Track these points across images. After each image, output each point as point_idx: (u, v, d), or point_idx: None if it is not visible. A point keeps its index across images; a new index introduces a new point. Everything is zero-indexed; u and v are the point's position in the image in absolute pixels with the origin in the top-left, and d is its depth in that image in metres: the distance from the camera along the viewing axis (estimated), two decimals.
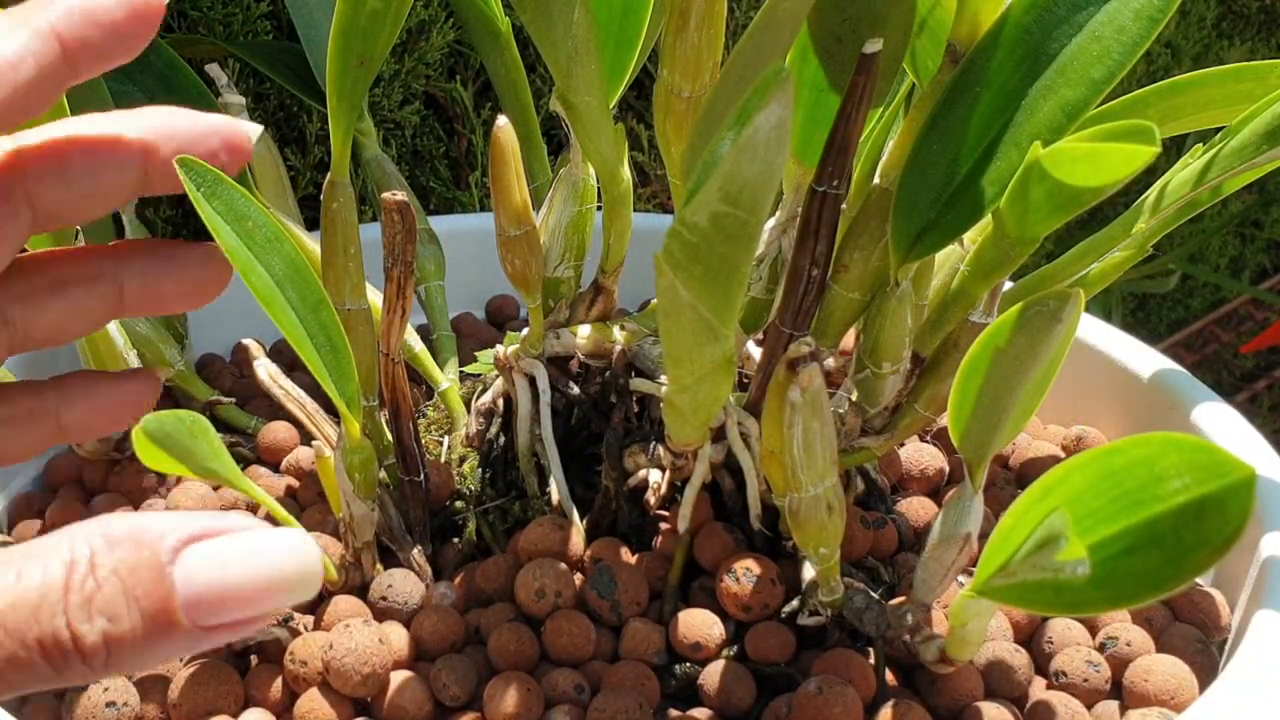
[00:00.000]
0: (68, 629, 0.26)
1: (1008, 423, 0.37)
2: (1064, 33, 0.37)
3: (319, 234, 0.44)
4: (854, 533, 0.46)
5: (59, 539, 0.27)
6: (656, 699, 0.42)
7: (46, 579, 0.26)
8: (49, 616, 0.26)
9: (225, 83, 0.49)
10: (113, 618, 0.26)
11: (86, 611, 0.26)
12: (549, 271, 0.46)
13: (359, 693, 0.40)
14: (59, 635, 0.26)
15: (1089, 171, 0.33)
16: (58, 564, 0.26)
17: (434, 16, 0.76)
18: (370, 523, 0.44)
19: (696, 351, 0.34)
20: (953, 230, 0.39)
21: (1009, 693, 0.42)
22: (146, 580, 0.26)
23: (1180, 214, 0.46)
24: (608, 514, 0.47)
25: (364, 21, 0.39)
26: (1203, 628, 0.45)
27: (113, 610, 0.26)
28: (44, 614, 0.26)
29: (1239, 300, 1.25)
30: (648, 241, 0.39)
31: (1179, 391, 0.52)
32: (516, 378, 0.47)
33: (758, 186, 0.29)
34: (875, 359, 0.43)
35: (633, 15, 0.41)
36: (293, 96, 0.74)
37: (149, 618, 0.26)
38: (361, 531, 0.44)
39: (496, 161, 0.42)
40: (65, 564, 0.26)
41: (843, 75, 0.39)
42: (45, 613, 0.26)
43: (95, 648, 0.26)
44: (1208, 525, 0.28)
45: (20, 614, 0.26)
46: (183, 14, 0.69)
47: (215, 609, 0.27)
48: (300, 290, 0.39)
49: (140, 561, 0.26)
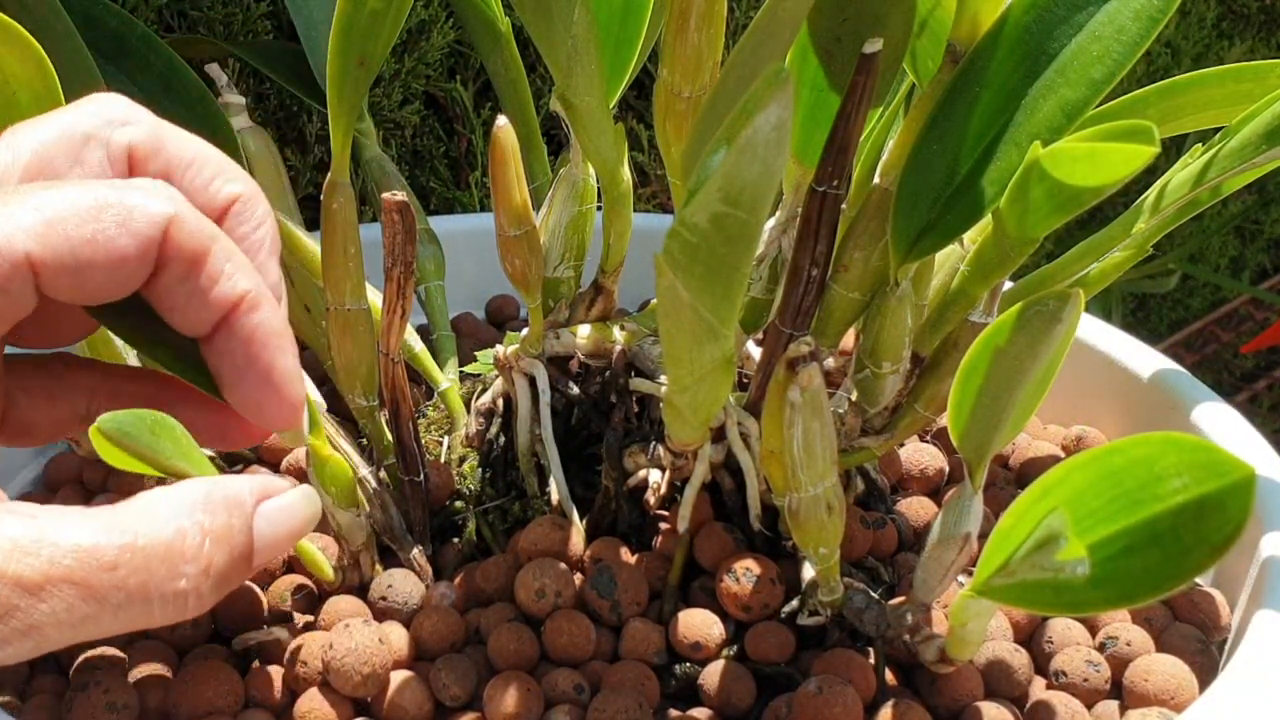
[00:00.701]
0: (187, 583, 0.31)
1: (1007, 423, 0.37)
2: (1064, 33, 0.37)
3: (319, 234, 0.44)
4: (854, 533, 0.46)
5: (162, 500, 0.32)
6: (656, 699, 0.42)
7: (167, 540, 0.31)
8: (171, 574, 0.31)
9: (225, 83, 0.49)
10: (219, 575, 0.32)
11: (205, 572, 0.32)
12: (549, 271, 0.46)
13: (359, 693, 0.40)
14: (178, 589, 0.31)
15: (1088, 171, 0.33)
16: (172, 527, 0.31)
17: (434, 16, 0.76)
18: (359, 528, 0.44)
19: (696, 352, 0.34)
20: (952, 230, 0.39)
21: (1009, 693, 0.42)
22: (240, 543, 0.33)
23: (1180, 214, 0.46)
24: (608, 514, 0.47)
25: (364, 21, 0.39)
26: (1203, 628, 0.45)
27: (219, 568, 0.32)
28: (167, 571, 0.31)
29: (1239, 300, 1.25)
30: (648, 241, 0.39)
31: (1179, 391, 0.52)
32: (516, 378, 0.47)
33: (758, 187, 0.29)
34: (875, 359, 0.43)
35: (633, 15, 0.41)
36: (293, 96, 0.74)
37: (236, 569, 0.32)
38: (352, 537, 0.44)
39: (496, 161, 0.42)
40: (178, 529, 0.31)
41: (843, 75, 0.39)
42: (168, 571, 0.31)
43: (205, 601, 0.32)
44: (1207, 525, 0.28)
45: (142, 578, 0.31)
46: (183, 14, 0.69)
47: (267, 556, 0.33)
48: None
49: (235, 527, 0.32)
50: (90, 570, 0.30)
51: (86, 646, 0.43)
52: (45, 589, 0.29)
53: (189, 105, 0.48)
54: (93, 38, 0.47)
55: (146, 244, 0.34)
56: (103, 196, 0.34)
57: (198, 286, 0.35)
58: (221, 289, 0.35)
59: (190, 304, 0.35)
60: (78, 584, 0.30)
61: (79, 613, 0.30)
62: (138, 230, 0.34)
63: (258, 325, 0.36)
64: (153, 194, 0.34)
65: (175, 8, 0.69)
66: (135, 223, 0.34)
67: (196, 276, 0.35)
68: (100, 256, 0.33)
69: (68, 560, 0.30)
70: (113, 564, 0.30)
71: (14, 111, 0.39)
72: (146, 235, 0.34)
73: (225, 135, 0.47)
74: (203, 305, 0.35)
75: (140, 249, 0.34)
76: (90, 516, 0.31)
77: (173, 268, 0.35)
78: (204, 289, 0.35)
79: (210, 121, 0.48)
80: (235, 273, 0.36)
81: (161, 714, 0.41)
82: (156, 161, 0.36)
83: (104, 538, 0.30)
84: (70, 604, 0.30)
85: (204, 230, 0.35)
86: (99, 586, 0.30)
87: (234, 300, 0.35)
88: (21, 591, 0.29)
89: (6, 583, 0.29)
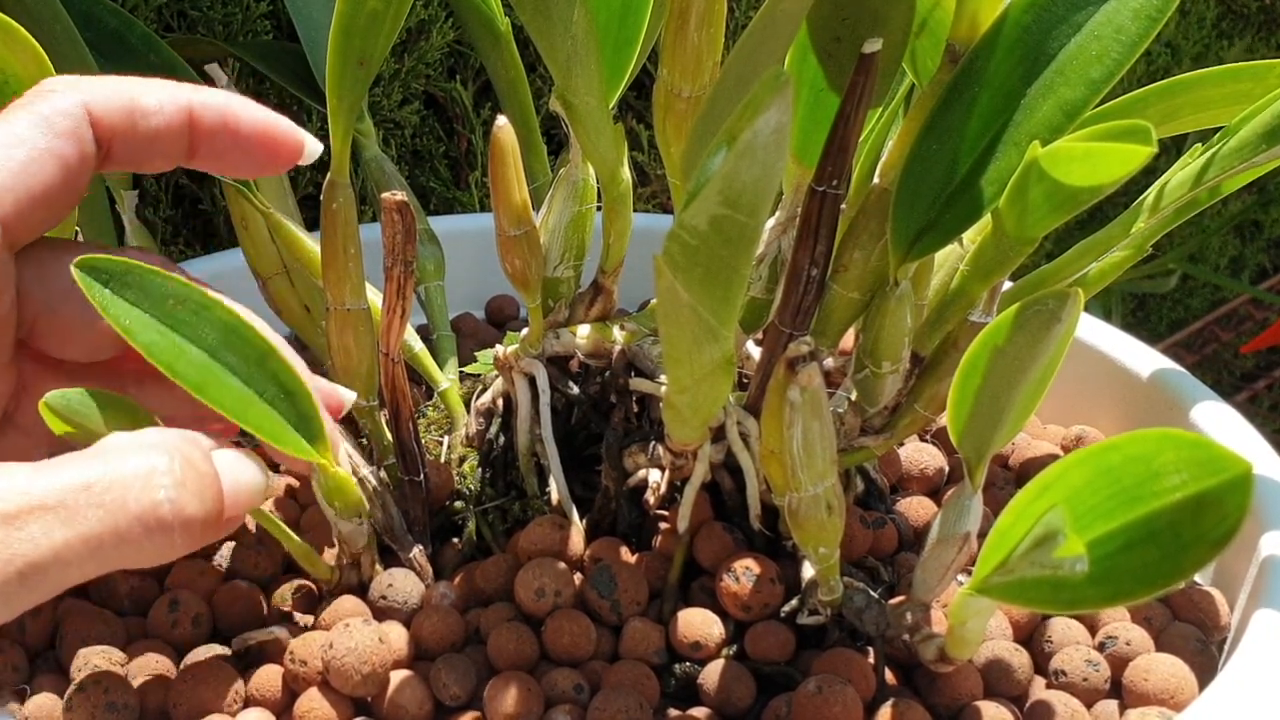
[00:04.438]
0: (169, 504, 0.32)
1: (1007, 422, 0.37)
2: (1063, 32, 0.37)
3: (319, 234, 0.44)
4: (854, 532, 0.46)
5: (125, 437, 0.33)
6: (656, 698, 0.42)
7: (140, 466, 0.32)
8: (150, 494, 0.31)
9: (225, 83, 0.49)
10: (195, 491, 0.32)
11: (181, 484, 0.32)
12: (549, 271, 0.46)
13: (359, 692, 0.40)
14: (159, 510, 0.31)
15: (1087, 171, 0.33)
16: (140, 454, 0.32)
17: (434, 16, 0.76)
18: (360, 535, 0.45)
19: (696, 352, 0.34)
20: (952, 230, 0.39)
21: (1008, 692, 0.42)
22: (207, 471, 0.33)
23: (1179, 214, 0.46)
24: (607, 514, 0.47)
25: (363, 21, 0.39)
26: (1202, 627, 0.45)
27: (193, 486, 0.32)
28: (146, 493, 0.31)
29: (1239, 300, 1.25)
30: (648, 241, 0.39)
31: (1179, 391, 0.52)
32: (516, 378, 0.47)
33: (757, 190, 0.29)
34: (875, 358, 0.43)
35: (632, 15, 0.41)
36: (293, 96, 0.74)
37: (209, 494, 0.33)
38: (353, 543, 0.45)
39: (496, 161, 0.42)
40: (146, 456, 0.32)
41: (842, 75, 0.39)
42: (147, 492, 0.31)
43: (192, 520, 0.32)
44: (1205, 521, 0.28)
45: (118, 493, 0.31)
46: (183, 14, 0.69)
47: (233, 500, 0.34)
48: (240, 351, 0.38)
49: (198, 455, 0.33)
50: (65, 493, 0.30)
51: (86, 646, 0.43)
52: (21, 517, 0.30)
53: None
54: (93, 38, 0.48)
55: (80, 136, 0.35)
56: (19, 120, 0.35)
57: (147, 134, 0.36)
58: (168, 117, 0.37)
59: (155, 148, 0.37)
60: (53, 508, 0.30)
61: (59, 535, 0.30)
62: (63, 129, 0.35)
63: (215, 110, 0.37)
64: (55, 89, 0.35)
65: (175, 8, 0.69)
66: (58, 124, 0.35)
67: (138, 129, 0.36)
68: (49, 172, 0.35)
69: (40, 488, 0.30)
70: (86, 484, 0.31)
71: None
72: (73, 129, 0.35)
73: None
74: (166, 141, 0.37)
75: (78, 145, 0.35)
76: (59, 460, 0.31)
77: (117, 140, 0.36)
78: (154, 130, 0.36)
79: None
80: (165, 98, 0.37)
81: (161, 714, 0.41)
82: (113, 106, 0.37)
83: (76, 467, 0.31)
84: (48, 527, 0.30)
85: (118, 90, 0.36)
86: (75, 505, 0.30)
87: (184, 115, 0.37)
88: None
89: None
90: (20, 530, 0.29)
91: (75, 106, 0.35)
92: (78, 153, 0.35)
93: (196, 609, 0.44)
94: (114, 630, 0.44)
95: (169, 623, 0.44)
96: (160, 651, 0.43)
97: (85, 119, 0.35)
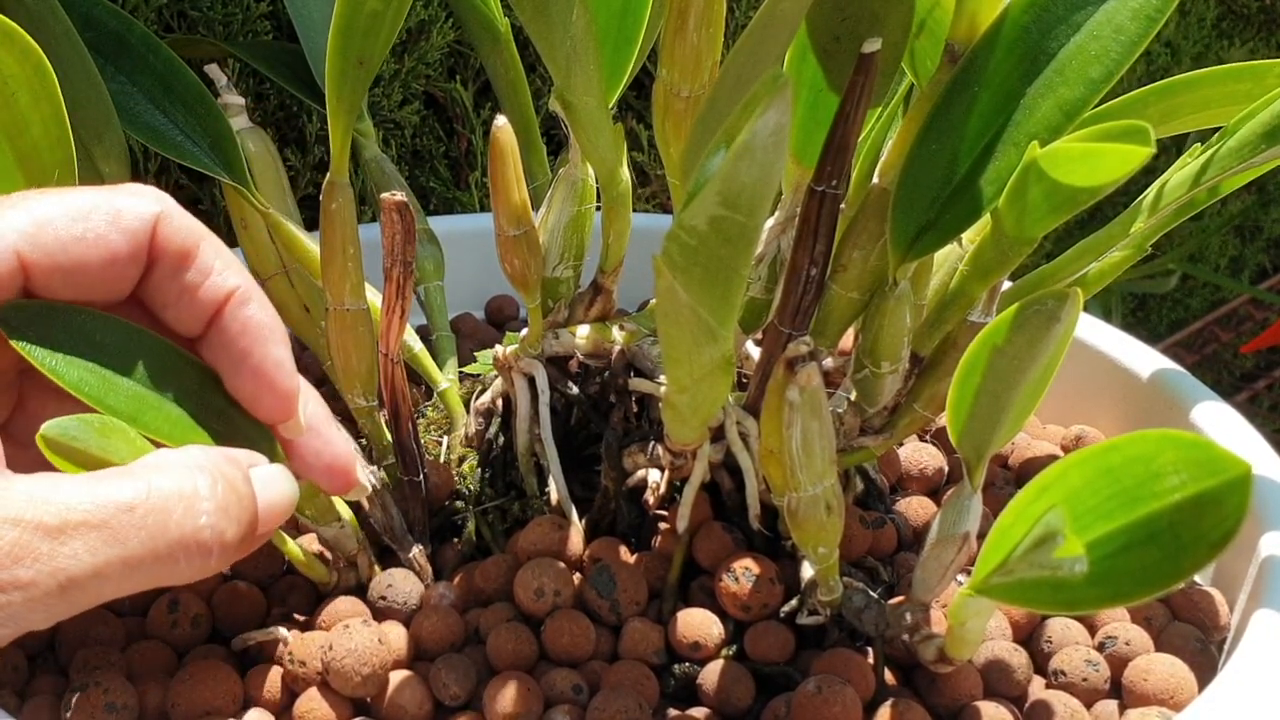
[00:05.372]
0: (210, 530, 0.32)
1: (1006, 422, 0.37)
2: (1062, 32, 0.37)
3: (318, 234, 0.44)
4: (853, 532, 0.46)
5: (168, 455, 0.33)
6: (655, 699, 0.42)
7: (184, 487, 0.32)
8: (192, 519, 0.31)
9: (225, 83, 0.49)
10: (235, 518, 0.33)
11: (224, 510, 0.32)
12: (548, 271, 0.46)
13: (358, 693, 0.40)
14: (200, 535, 0.32)
15: (1086, 171, 0.33)
16: (184, 475, 0.32)
17: (434, 16, 0.76)
18: (348, 538, 0.45)
19: (695, 352, 0.34)
20: (951, 230, 0.39)
21: (1008, 692, 0.42)
22: (247, 493, 0.33)
23: (1179, 213, 0.46)
24: (607, 514, 0.47)
25: (363, 22, 0.39)
26: (1202, 627, 0.45)
27: (235, 512, 0.33)
28: (188, 518, 0.31)
29: (1239, 300, 1.25)
30: (647, 241, 0.39)
31: (1179, 391, 0.52)
32: (516, 378, 0.47)
33: (756, 191, 0.29)
34: (874, 358, 0.43)
35: (632, 15, 0.41)
36: (293, 96, 0.74)
37: (247, 518, 0.33)
38: (342, 547, 0.45)
39: (496, 161, 0.42)
40: (190, 477, 0.32)
41: (841, 75, 0.39)
42: (189, 517, 0.31)
43: (227, 546, 0.32)
44: (1205, 521, 0.28)
45: (160, 516, 0.31)
46: (182, 14, 0.69)
47: (267, 517, 0.34)
48: (179, 380, 0.37)
49: (239, 477, 0.33)
50: (109, 512, 0.30)
51: (86, 646, 0.43)
52: (65, 532, 0.30)
53: (188, 106, 0.48)
54: (92, 38, 0.47)
55: (136, 240, 0.34)
56: (92, 198, 0.34)
57: (189, 282, 0.36)
58: (212, 283, 0.36)
59: (182, 300, 0.36)
60: (97, 526, 0.30)
61: (101, 555, 0.30)
62: (127, 226, 0.34)
63: (249, 319, 0.36)
64: (140, 194, 0.35)
65: (175, 8, 0.69)
66: (125, 220, 0.34)
67: (186, 271, 0.35)
68: (91, 254, 0.34)
69: (85, 505, 0.30)
70: (130, 505, 0.31)
71: (13, 112, 0.39)
72: (136, 231, 0.34)
73: (225, 136, 0.48)
74: (194, 301, 0.36)
75: (130, 245, 0.34)
76: (102, 474, 0.31)
77: (163, 264, 0.35)
78: (194, 284, 0.36)
79: (209, 122, 0.48)
80: (225, 269, 0.36)
81: (161, 714, 0.41)
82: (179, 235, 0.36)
83: (119, 485, 0.31)
84: (92, 545, 0.30)
85: (192, 227, 0.36)
86: (119, 527, 0.30)
87: (225, 294, 0.36)
88: (42, 535, 0.29)
89: (26, 528, 0.29)
90: (64, 545, 0.30)
91: (149, 216, 0.35)
92: (129, 252, 0.35)
93: (196, 609, 0.44)
94: (113, 630, 0.44)
95: (169, 623, 0.44)
96: (160, 651, 0.43)
97: (150, 231, 0.35)
